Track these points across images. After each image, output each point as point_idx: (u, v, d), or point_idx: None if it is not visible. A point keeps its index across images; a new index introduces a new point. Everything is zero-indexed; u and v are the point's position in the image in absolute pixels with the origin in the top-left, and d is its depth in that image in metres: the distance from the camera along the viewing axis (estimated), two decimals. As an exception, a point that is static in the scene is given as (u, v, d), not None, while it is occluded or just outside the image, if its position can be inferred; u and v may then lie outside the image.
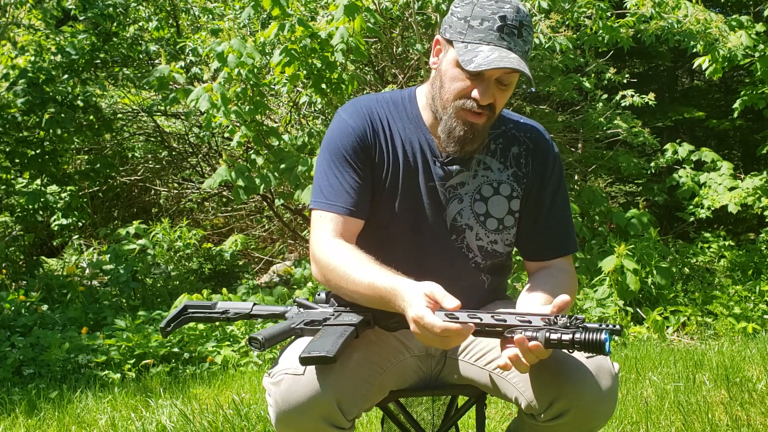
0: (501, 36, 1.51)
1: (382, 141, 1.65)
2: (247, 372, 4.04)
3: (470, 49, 1.51)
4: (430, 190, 1.65)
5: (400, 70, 6.10)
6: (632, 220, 6.02)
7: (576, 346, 1.31)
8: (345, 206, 1.61)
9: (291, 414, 1.42)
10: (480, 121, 1.57)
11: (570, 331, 1.31)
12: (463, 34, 1.53)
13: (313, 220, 1.64)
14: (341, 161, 1.62)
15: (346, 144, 1.63)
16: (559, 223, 1.72)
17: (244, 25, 5.87)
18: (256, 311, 1.66)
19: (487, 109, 1.56)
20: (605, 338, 1.29)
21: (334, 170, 1.62)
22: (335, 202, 1.61)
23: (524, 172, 1.70)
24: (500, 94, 1.57)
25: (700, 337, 4.88)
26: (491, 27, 1.51)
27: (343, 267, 1.53)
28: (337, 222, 1.60)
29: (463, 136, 1.58)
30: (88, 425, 3.09)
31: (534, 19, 4.94)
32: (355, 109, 1.67)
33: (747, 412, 2.93)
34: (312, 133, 5.25)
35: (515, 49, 1.52)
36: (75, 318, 4.79)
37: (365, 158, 1.63)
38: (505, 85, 1.56)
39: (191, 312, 1.68)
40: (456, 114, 1.57)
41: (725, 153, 9.94)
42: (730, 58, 5.26)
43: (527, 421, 1.54)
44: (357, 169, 1.62)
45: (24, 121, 6.10)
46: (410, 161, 1.65)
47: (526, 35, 1.54)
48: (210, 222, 8.28)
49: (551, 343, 1.32)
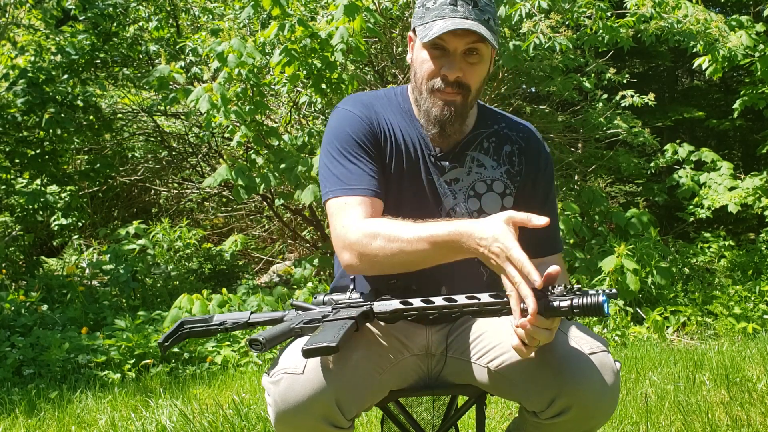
0: (454, 9, 1.55)
1: (386, 130, 1.66)
2: (247, 372, 4.04)
3: (428, 27, 1.56)
4: (430, 183, 1.67)
5: (400, 70, 6.10)
6: (632, 220, 6.02)
7: (576, 311, 1.31)
8: (369, 188, 1.58)
9: (290, 413, 1.42)
10: (455, 98, 1.59)
11: (568, 298, 1.32)
12: (422, 18, 1.59)
13: (335, 209, 1.58)
14: (354, 147, 1.61)
15: (357, 131, 1.63)
16: (551, 222, 1.72)
17: (244, 25, 5.87)
18: (254, 319, 1.64)
19: (458, 87, 1.58)
20: (603, 300, 1.30)
21: (349, 157, 1.60)
22: (358, 186, 1.58)
23: (517, 170, 1.72)
24: (470, 68, 1.58)
25: (700, 337, 4.87)
26: (444, 2, 1.56)
27: (391, 233, 1.46)
28: (366, 204, 1.56)
29: (440, 116, 1.60)
30: (88, 425, 3.09)
31: (534, 19, 4.94)
32: (356, 101, 1.69)
33: (747, 412, 2.93)
34: (312, 133, 5.25)
35: (471, 17, 1.55)
36: (75, 318, 4.79)
37: (376, 144, 1.64)
38: (474, 57, 1.58)
39: (188, 328, 1.66)
40: (430, 95, 1.60)
41: (725, 153, 9.95)
42: (730, 58, 5.25)
43: (529, 419, 1.54)
44: (371, 154, 1.62)
45: (24, 121, 6.10)
46: (411, 152, 1.67)
47: (483, 5, 1.57)
48: (210, 222, 8.28)
49: (551, 311, 1.33)
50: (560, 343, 1.48)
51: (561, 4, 5.27)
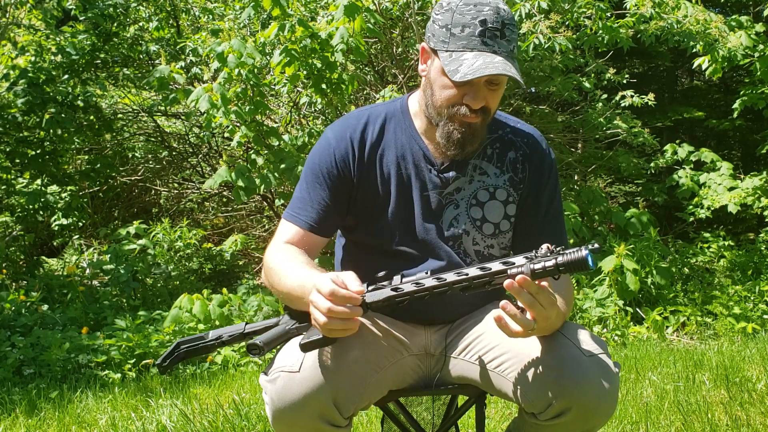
0: (483, 41, 1.51)
1: (369, 160, 1.67)
2: (247, 372, 4.04)
3: (455, 57, 1.52)
4: (424, 200, 1.66)
5: (400, 71, 6.10)
6: (632, 220, 6.03)
7: (561, 269, 1.33)
8: (307, 221, 1.65)
9: (287, 411, 1.42)
10: (476, 120, 1.58)
11: (552, 257, 1.34)
12: (446, 42, 1.54)
13: (279, 226, 1.71)
14: (315, 178, 1.67)
15: (323, 163, 1.67)
16: (555, 228, 1.72)
17: (244, 26, 5.87)
18: (249, 329, 1.65)
19: (480, 112, 1.57)
20: (586, 254, 1.31)
21: (307, 185, 1.67)
22: (299, 215, 1.66)
23: (520, 177, 1.71)
24: (492, 95, 1.57)
25: (699, 337, 4.88)
26: (473, 33, 1.51)
27: (277, 268, 1.57)
28: (295, 233, 1.65)
29: (461, 138, 1.58)
30: (89, 425, 3.09)
31: (534, 19, 4.94)
32: (342, 128, 1.70)
33: (747, 412, 2.93)
34: (312, 133, 5.26)
35: (499, 51, 1.51)
36: (75, 318, 4.79)
37: (341, 180, 1.66)
38: (496, 85, 1.56)
39: (185, 347, 1.67)
40: (450, 120, 1.58)
41: (725, 153, 9.95)
42: (729, 58, 5.26)
43: (528, 420, 1.54)
44: (329, 189, 1.66)
45: (24, 121, 6.10)
46: (402, 174, 1.67)
47: (509, 34, 1.53)
48: (210, 222, 8.28)
49: (537, 273, 1.35)
50: (560, 344, 1.48)
51: (561, 5, 5.27)
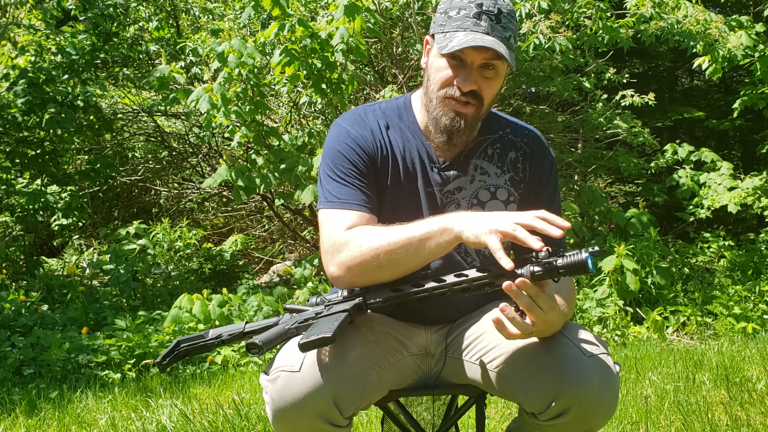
0: (477, 22, 1.54)
1: (381, 148, 1.66)
2: (247, 372, 4.04)
3: (448, 36, 1.55)
4: (429, 196, 1.66)
5: (400, 70, 6.10)
6: (632, 220, 6.02)
7: (561, 271, 1.33)
8: (357, 202, 1.59)
9: (287, 411, 1.42)
10: (467, 110, 1.58)
11: (552, 260, 1.34)
12: (443, 25, 1.58)
13: (324, 220, 1.60)
14: (345, 166, 1.62)
15: (345, 149, 1.63)
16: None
17: (245, 26, 5.87)
18: (249, 328, 1.64)
19: (472, 97, 1.57)
20: (586, 256, 1.32)
21: (340, 175, 1.61)
22: (347, 200, 1.59)
23: (521, 177, 1.71)
24: (485, 82, 1.57)
25: (699, 337, 4.88)
26: (468, 14, 1.55)
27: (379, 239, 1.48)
28: (357, 217, 1.57)
29: (449, 125, 1.59)
30: (89, 425, 3.09)
31: (534, 19, 4.94)
32: (353, 118, 1.69)
33: (747, 412, 2.93)
34: (312, 133, 5.26)
35: (493, 33, 1.54)
36: (75, 318, 4.79)
37: (368, 160, 1.63)
38: (491, 71, 1.57)
39: (185, 346, 1.66)
40: (441, 103, 1.59)
41: (725, 153, 9.95)
42: (729, 58, 5.26)
43: (528, 420, 1.54)
44: (361, 171, 1.62)
45: (24, 121, 6.09)
46: (409, 168, 1.66)
47: (506, 22, 1.55)
48: (210, 222, 8.29)
49: (537, 275, 1.35)
50: (560, 344, 1.48)
51: (561, 5, 5.27)
